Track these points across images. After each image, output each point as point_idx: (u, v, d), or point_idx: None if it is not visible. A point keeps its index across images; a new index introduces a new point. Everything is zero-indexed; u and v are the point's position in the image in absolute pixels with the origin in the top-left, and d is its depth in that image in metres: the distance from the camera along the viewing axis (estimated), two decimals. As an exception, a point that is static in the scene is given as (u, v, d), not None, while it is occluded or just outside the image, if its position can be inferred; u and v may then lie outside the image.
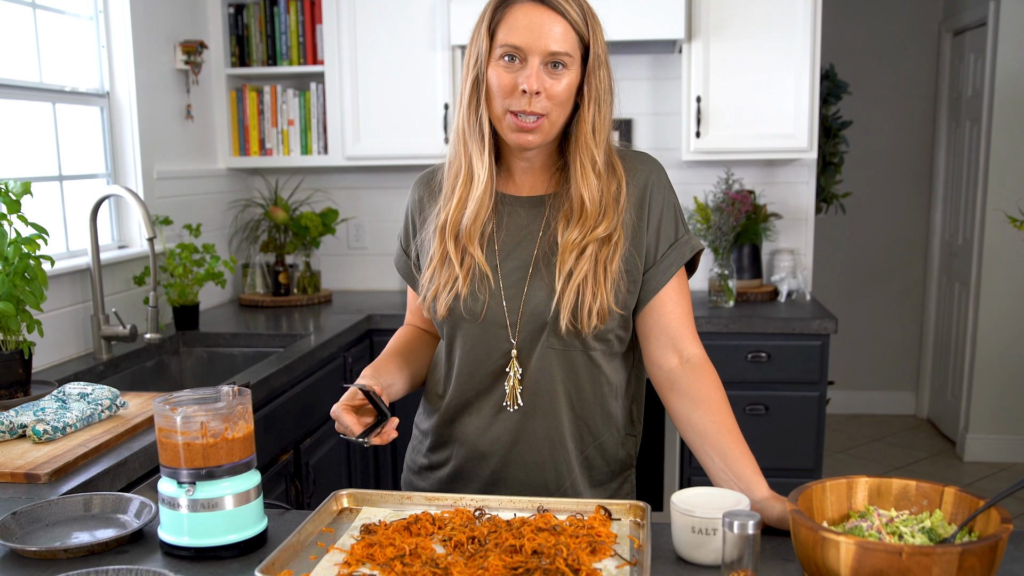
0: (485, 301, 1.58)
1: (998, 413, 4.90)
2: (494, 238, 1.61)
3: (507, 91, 1.51)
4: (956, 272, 5.21)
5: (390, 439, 1.48)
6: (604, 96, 1.56)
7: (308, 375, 2.90)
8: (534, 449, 1.63)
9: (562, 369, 1.60)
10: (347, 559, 1.26)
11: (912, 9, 5.43)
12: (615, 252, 1.56)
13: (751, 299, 3.73)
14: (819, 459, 3.41)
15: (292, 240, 3.82)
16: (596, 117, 1.55)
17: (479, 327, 1.59)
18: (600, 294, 1.54)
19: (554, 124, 1.54)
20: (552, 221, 1.60)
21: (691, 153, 3.58)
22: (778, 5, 3.45)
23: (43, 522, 1.44)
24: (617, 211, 1.57)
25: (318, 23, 3.75)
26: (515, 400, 1.61)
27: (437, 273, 1.60)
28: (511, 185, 1.65)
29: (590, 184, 1.54)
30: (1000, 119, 4.67)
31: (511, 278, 1.60)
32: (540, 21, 1.48)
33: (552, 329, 1.57)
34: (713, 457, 1.51)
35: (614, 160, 1.60)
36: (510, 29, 1.50)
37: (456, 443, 1.68)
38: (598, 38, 1.53)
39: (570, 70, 1.51)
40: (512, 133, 1.53)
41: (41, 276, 2.22)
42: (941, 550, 1.04)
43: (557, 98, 1.51)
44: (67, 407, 1.93)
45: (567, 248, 1.55)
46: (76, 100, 2.97)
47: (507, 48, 1.50)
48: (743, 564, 1.14)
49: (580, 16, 1.50)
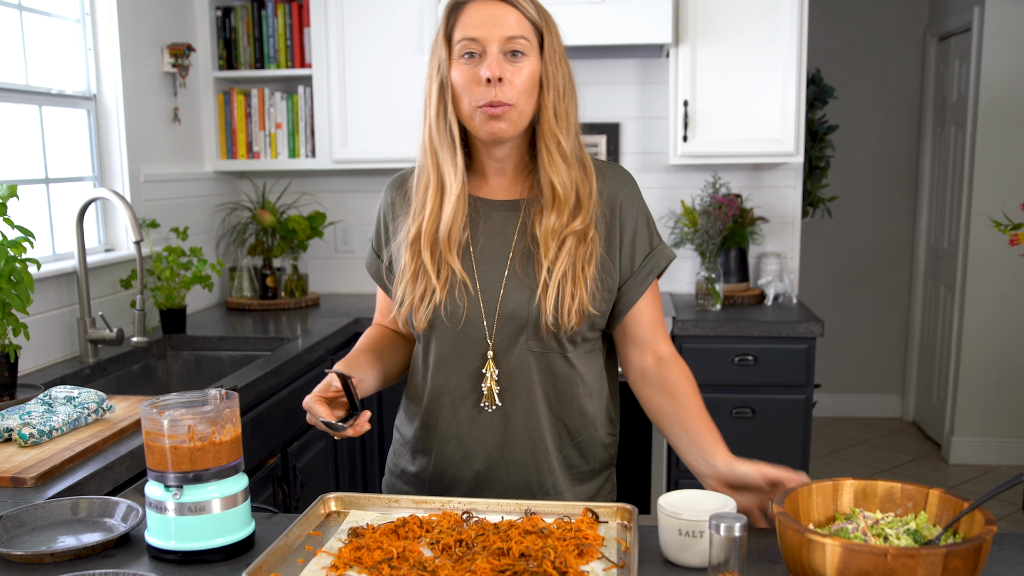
0: (464, 307, 1.59)
1: (983, 416, 4.93)
2: (470, 243, 1.62)
3: (472, 85, 1.52)
4: (941, 276, 5.24)
5: (363, 431, 1.48)
6: (565, 86, 1.58)
7: (296, 378, 2.90)
8: (516, 450, 1.64)
9: (539, 370, 1.62)
10: (335, 562, 1.26)
11: (898, 14, 5.46)
12: (591, 254, 1.58)
13: (738, 302, 3.74)
14: (805, 462, 3.43)
15: (279, 243, 3.82)
16: (558, 104, 1.57)
17: (458, 332, 1.60)
18: (579, 294, 1.56)
19: (522, 114, 1.55)
20: (528, 223, 1.61)
21: (678, 157, 3.59)
22: (765, 10, 3.47)
23: (29, 526, 1.44)
24: (591, 208, 1.59)
25: (306, 26, 3.75)
26: (493, 401, 1.62)
27: (411, 286, 1.61)
28: (485, 188, 1.66)
29: (559, 169, 1.56)
30: (985, 124, 4.70)
31: (487, 281, 1.61)
32: (493, 13, 1.52)
33: (532, 331, 1.58)
34: (679, 434, 1.59)
35: (585, 158, 1.62)
36: (465, 26, 1.53)
37: (437, 446, 1.68)
38: (552, 31, 1.58)
39: (529, 58, 1.54)
40: (484, 126, 1.54)
41: (27, 279, 2.21)
42: (926, 552, 1.05)
43: (520, 86, 1.53)
44: (53, 411, 1.93)
45: (547, 235, 1.57)
46: (63, 103, 2.96)
47: (465, 44, 1.52)
48: (729, 566, 1.15)
49: (532, 8, 1.55)
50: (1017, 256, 4.23)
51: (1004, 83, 4.65)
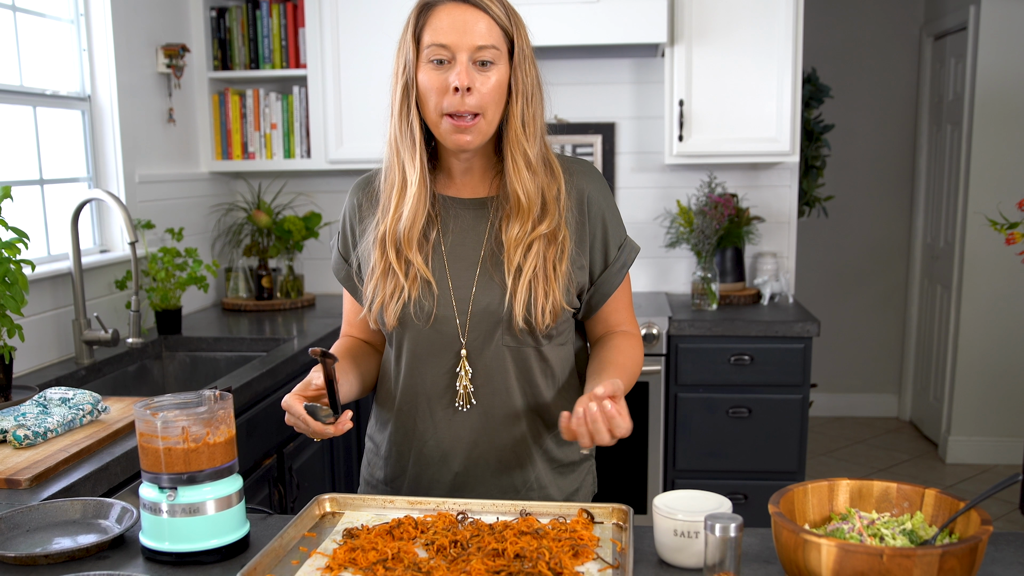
0: (434, 304, 1.59)
1: (980, 415, 4.93)
2: (440, 240, 1.63)
3: (439, 92, 1.52)
4: (938, 275, 5.24)
5: (345, 429, 1.47)
6: (532, 91, 1.58)
7: (291, 379, 2.89)
8: (496, 447, 1.64)
9: (515, 366, 1.62)
10: (329, 563, 1.26)
11: (893, 14, 5.46)
12: (563, 252, 1.60)
13: (734, 302, 3.74)
14: (802, 461, 3.43)
15: (275, 244, 3.81)
16: (525, 111, 1.57)
17: (430, 330, 1.60)
18: (552, 292, 1.57)
19: (490, 123, 1.55)
20: (496, 221, 1.62)
21: (674, 157, 3.59)
22: (760, 9, 3.47)
23: (23, 528, 1.44)
24: (559, 209, 1.59)
25: (301, 27, 3.74)
26: (468, 400, 1.62)
27: (381, 283, 1.61)
28: (452, 187, 1.66)
29: (523, 179, 1.56)
30: (981, 123, 4.70)
31: (459, 279, 1.61)
32: (463, 19, 1.51)
33: (507, 327, 1.59)
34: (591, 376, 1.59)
35: (551, 159, 1.63)
36: (435, 30, 1.52)
37: (414, 450, 1.68)
38: (522, 34, 1.56)
39: (498, 66, 1.53)
40: (450, 136, 1.55)
41: (22, 280, 2.20)
42: (922, 552, 1.05)
43: (489, 95, 1.52)
44: (48, 412, 1.92)
45: (511, 244, 1.58)
46: (57, 103, 2.96)
47: (434, 49, 1.51)
48: (725, 567, 1.15)
49: (503, 12, 1.54)
50: (1013, 255, 4.23)
51: (1000, 82, 4.65)
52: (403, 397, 1.67)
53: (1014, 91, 4.65)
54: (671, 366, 3.40)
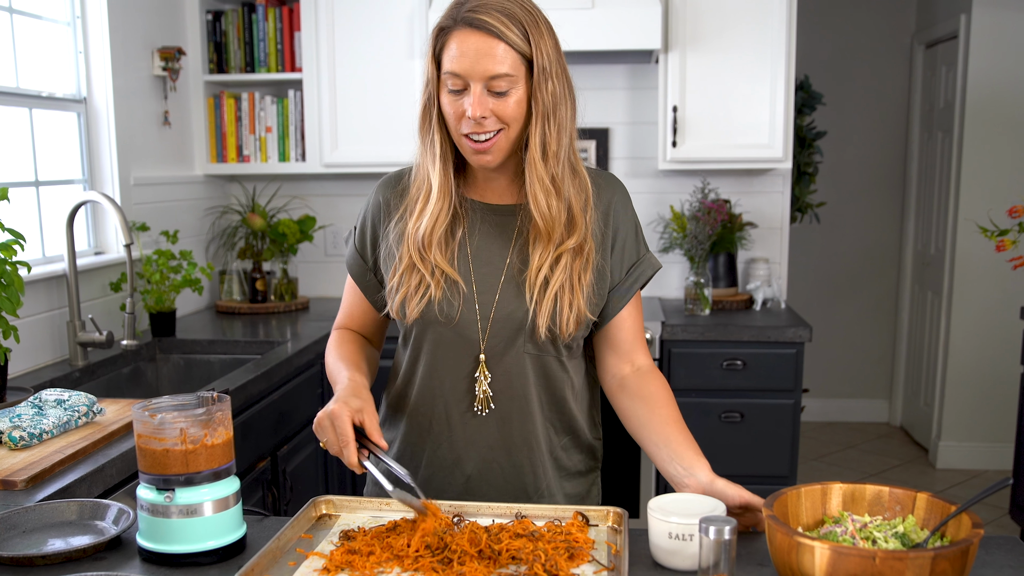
0: (459, 305, 1.59)
1: (970, 421, 4.95)
2: (466, 243, 1.62)
3: (457, 117, 1.52)
4: (929, 281, 5.27)
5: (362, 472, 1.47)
6: (556, 108, 1.53)
7: (285, 382, 2.89)
8: (511, 453, 1.64)
9: (535, 373, 1.62)
10: (326, 565, 1.26)
11: (885, 22, 5.49)
12: (588, 263, 1.59)
13: (726, 307, 3.75)
14: (794, 466, 3.44)
15: (269, 247, 3.81)
16: (546, 131, 1.53)
17: (451, 331, 1.60)
18: (576, 303, 1.57)
19: (511, 139, 1.54)
20: (524, 230, 1.62)
21: (667, 162, 3.60)
22: (754, 17, 3.49)
23: (19, 529, 1.44)
24: (585, 222, 1.59)
25: (296, 30, 3.75)
26: (487, 405, 1.62)
27: (406, 277, 1.60)
28: (479, 192, 1.66)
29: (539, 204, 1.54)
30: (972, 130, 4.73)
31: (484, 283, 1.61)
32: (476, 47, 1.47)
33: (530, 336, 1.59)
34: (658, 444, 1.57)
35: (579, 169, 1.61)
36: (451, 58, 1.49)
37: (427, 453, 1.68)
38: (543, 51, 1.50)
39: (517, 88, 1.50)
40: (470, 156, 1.55)
41: (17, 282, 2.20)
42: (914, 555, 1.06)
43: (509, 115, 1.50)
44: (43, 413, 1.92)
45: (537, 259, 1.57)
46: (53, 105, 2.96)
47: (450, 76, 1.50)
48: (719, 569, 1.16)
49: (520, 35, 1.48)
50: (1003, 262, 4.25)
51: (991, 90, 4.68)
52: (419, 399, 1.66)
53: (1005, 99, 4.68)
54: (664, 371, 3.41)
